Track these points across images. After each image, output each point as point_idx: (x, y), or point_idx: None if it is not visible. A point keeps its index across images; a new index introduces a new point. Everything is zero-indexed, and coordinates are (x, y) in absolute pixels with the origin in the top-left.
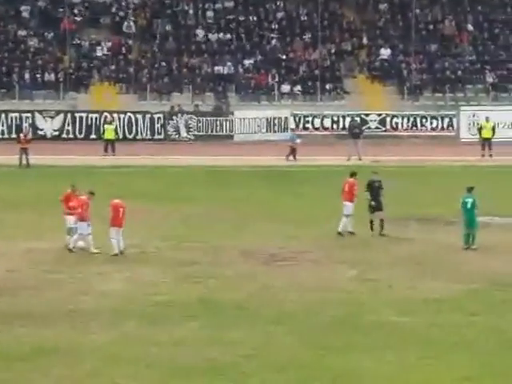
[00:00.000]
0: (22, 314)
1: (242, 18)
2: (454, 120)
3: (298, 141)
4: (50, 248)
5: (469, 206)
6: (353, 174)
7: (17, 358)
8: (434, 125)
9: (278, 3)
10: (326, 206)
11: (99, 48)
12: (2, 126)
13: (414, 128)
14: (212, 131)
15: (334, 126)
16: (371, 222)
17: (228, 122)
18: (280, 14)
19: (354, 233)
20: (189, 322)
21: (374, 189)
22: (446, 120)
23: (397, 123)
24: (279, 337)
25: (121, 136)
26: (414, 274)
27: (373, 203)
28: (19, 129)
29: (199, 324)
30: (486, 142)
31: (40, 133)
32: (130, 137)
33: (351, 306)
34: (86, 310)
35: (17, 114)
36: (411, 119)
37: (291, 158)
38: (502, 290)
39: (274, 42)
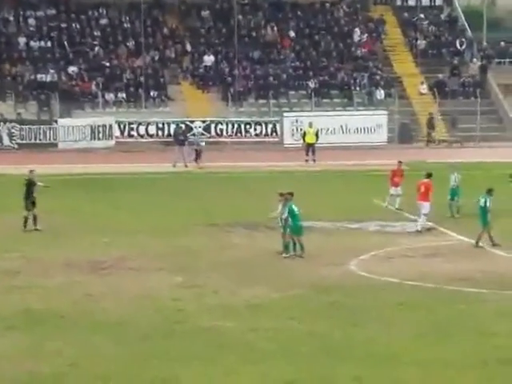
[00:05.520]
0: None
1: (64, 25)
2: (278, 126)
3: (203, 143)
4: None
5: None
6: (429, 175)
7: None
8: (258, 131)
9: (100, 10)
10: (144, 213)
11: None
12: None
13: (239, 134)
14: (36, 139)
15: (159, 133)
16: (26, 218)
17: (52, 130)
18: (103, 21)
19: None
20: (9, 333)
21: (30, 186)
22: (270, 126)
23: (221, 129)
24: (101, 346)
25: None
26: (237, 280)
27: (33, 200)
28: None
29: (19, 335)
30: (309, 148)
31: None
32: None
33: (174, 312)
34: None
35: None
36: (235, 125)
37: (197, 161)
38: (323, 294)
39: (97, 49)
